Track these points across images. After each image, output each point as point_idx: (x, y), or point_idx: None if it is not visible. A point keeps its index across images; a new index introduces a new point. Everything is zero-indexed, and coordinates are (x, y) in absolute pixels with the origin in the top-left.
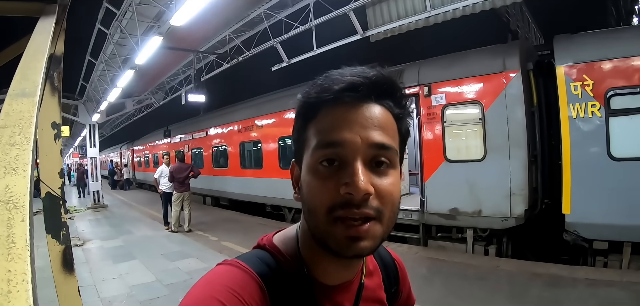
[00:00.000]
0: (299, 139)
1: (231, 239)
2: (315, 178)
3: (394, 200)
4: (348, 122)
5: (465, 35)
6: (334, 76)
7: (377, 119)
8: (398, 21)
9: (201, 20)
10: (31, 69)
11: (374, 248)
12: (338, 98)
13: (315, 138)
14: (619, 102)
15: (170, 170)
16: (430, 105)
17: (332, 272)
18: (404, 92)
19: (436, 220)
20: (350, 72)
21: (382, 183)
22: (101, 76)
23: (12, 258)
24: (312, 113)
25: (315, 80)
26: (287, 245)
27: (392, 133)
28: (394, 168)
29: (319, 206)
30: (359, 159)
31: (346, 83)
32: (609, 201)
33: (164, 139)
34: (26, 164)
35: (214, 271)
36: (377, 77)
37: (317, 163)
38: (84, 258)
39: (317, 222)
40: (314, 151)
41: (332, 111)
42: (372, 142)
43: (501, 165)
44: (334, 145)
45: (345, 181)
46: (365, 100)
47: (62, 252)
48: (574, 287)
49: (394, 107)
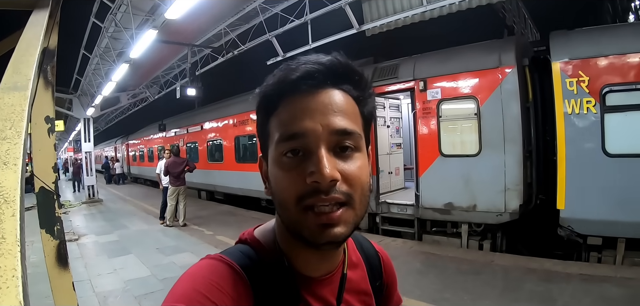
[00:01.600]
0: (262, 134)
1: (226, 233)
2: (281, 170)
3: (362, 183)
4: (308, 110)
5: (461, 31)
6: (291, 66)
7: (336, 105)
8: (394, 15)
9: (196, 14)
10: (23, 62)
11: (348, 234)
12: (296, 88)
13: (277, 131)
14: (614, 99)
15: (166, 165)
16: (426, 100)
17: (311, 263)
18: (362, 74)
19: (431, 215)
20: (305, 60)
21: (349, 167)
22: (96, 70)
23: (2, 253)
24: (272, 106)
25: (273, 72)
26: (267, 238)
27: (354, 117)
28: (359, 151)
29: (288, 198)
30: (322, 147)
31: (302, 72)
32: (604, 197)
33: (159, 133)
34: (17, 158)
35: (198, 266)
36: (332, 62)
37: (282, 156)
38: (78, 252)
39: (288, 214)
40: (277, 144)
41: (291, 101)
42: (334, 128)
43: (496, 161)
44: (296, 137)
45: (311, 170)
46: (322, 86)
47: (57, 247)
48: (567, 282)
49: (353, 90)
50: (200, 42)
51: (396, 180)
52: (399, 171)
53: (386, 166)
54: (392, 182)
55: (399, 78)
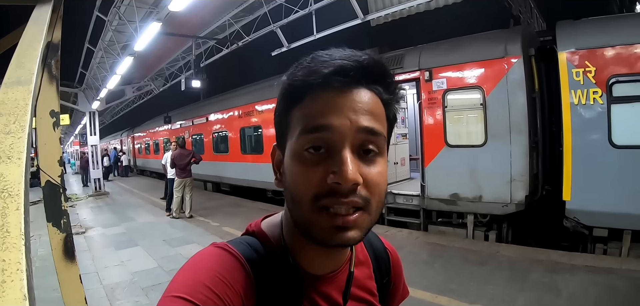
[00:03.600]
0: (281, 123)
1: (232, 224)
2: (300, 165)
3: (381, 190)
4: (337, 107)
5: (467, 20)
6: (322, 58)
7: (367, 104)
8: (399, 5)
9: (200, 5)
10: (27, 57)
11: (361, 238)
12: (326, 82)
13: (300, 123)
14: (621, 89)
15: (172, 157)
16: (431, 90)
17: (317, 261)
18: (394, 77)
19: (437, 206)
20: (339, 55)
21: (371, 172)
22: (100, 63)
23: (7, 247)
24: (297, 97)
25: (301, 61)
26: (274, 231)
27: (382, 120)
28: (381, 156)
29: (304, 194)
30: (347, 146)
31: (335, 67)
32: (610, 188)
33: (165, 126)
34: (21, 152)
35: (202, 254)
36: (368, 61)
37: (303, 150)
38: (85, 245)
39: (301, 211)
40: (299, 136)
41: (320, 95)
42: (362, 126)
43: (502, 151)
44: (321, 129)
45: (333, 170)
46: (355, 85)
47: (63, 240)
48: (573, 274)
49: (384, 93)
50: (205, 34)
51: (402, 170)
52: (405, 161)
53: (392, 156)
54: (398, 172)
55: (404, 69)
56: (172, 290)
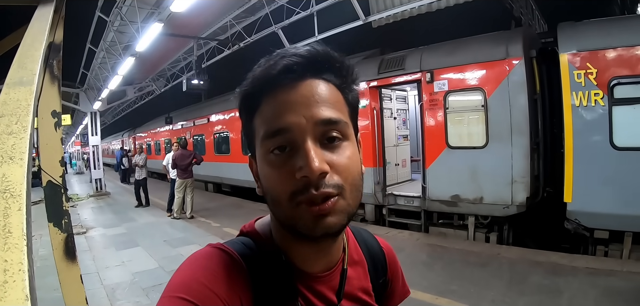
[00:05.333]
0: (248, 133)
1: (233, 225)
2: (270, 168)
3: (352, 173)
4: (290, 104)
5: (468, 22)
6: (269, 62)
7: (319, 95)
8: (400, 7)
9: (202, 6)
10: (29, 57)
11: (343, 224)
12: (276, 83)
13: (262, 128)
14: (623, 91)
15: (173, 158)
16: (433, 92)
17: (309, 258)
18: (343, 61)
19: (438, 207)
20: (283, 54)
21: (338, 158)
22: (102, 64)
23: (9, 247)
24: (254, 104)
25: (252, 70)
26: (266, 231)
27: (339, 106)
28: (347, 140)
29: (281, 194)
30: (308, 140)
31: (281, 67)
32: (611, 190)
33: (166, 126)
34: (23, 153)
35: (198, 254)
36: (310, 52)
37: (269, 153)
38: (86, 245)
39: (281, 211)
40: (262, 142)
41: (273, 97)
42: (318, 119)
43: (503, 153)
44: (280, 132)
45: (299, 165)
46: (302, 78)
47: (64, 240)
48: (574, 276)
49: (335, 78)
50: (206, 35)
51: (403, 171)
52: (406, 163)
53: (393, 158)
54: (399, 173)
55: (405, 70)
56: (170, 290)
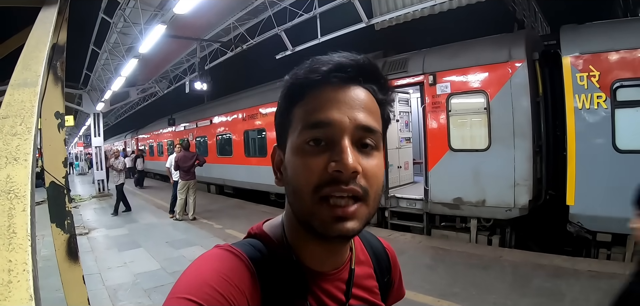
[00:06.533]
0: (283, 122)
1: (235, 227)
2: (301, 157)
3: (378, 181)
4: (336, 102)
5: (471, 24)
6: (322, 59)
7: (363, 102)
8: (403, 9)
9: (205, 8)
10: (33, 59)
11: (359, 230)
12: (326, 79)
13: (301, 119)
14: (625, 94)
15: (176, 159)
16: (435, 94)
17: (319, 257)
18: (387, 79)
19: (440, 210)
20: (337, 55)
21: (369, 163)
22: (105, 65)
23: (13, 248)
24: (298, 95)
25: (303, 63)
26: (275, 232)
27: (377, 117)
28: (378, 150)
29: (305, 185)
30: (347, 138)
31: (334, 64)
32: (613, 193)
33: (169, 128)
34: (28, 154)
35: (206, 256)
36: (364, 61)
37: (304, 144)
38: (89, 246)
39: (302, 202)
40: (300, 132)
41: (320, 92)
42: (360, 123)
43: (506, 155)
44: (321, 125)
45: (335, 158)
46: (352, 82)
47: (67, 241)
48: (576, 279)
49: (378, 92)
50: (209, 37)
51: (405, 174)
52: (408, 165)
53: (395, 160)
54: (401, 176)
55: (408, 73)
56: (177, 292)
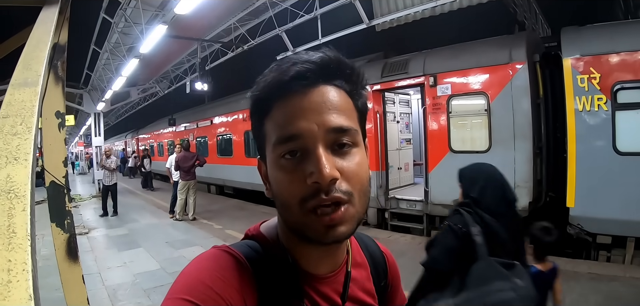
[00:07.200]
0: (258, 136)
1: (235, 227)
2: (281, 173)
3: (361, 179)
4: (301, 111)
5: (472, 26)
6: (282, 67)
7: (330, 102)
8: (404, 11)
9: (206, 9)
10: (34, 58)
11: (352, 231)
12: (288, 89)
13: (273, 133)
14: (626, 96)
15: (176, 159)
16: (436, 96)
17: (315, 260)
18: (353, 67)
19: (440, 211)
20: (295, 60)
21: (348, 164)
22: (106, 65)
23: (13, 247)
24: (265, 109)
25: (263, 74)
26: (272, 233)
27: (349, 112)
28: (357, 146)
29: (291, 199)
30: (320, 146)
31: (293, 73)
32: (614, 195)
33: (169, 128)
34: (28, 154)
35: (203, 256)
36: (322, 59)
37: (280, 158)
38: (88, 246)
39: (291, 216)
40: (274, 147)
41: (285, 103)
42: (330, 126)
43: (506, 157)
44: (292, 139)
45: (310, 170)
46: (315, 85)
47: (67, 241)
48: (576, 281)
49: (346, 85)
50: (210, 37)
51: (405, 175)
52: (409, 167)
53: (395, 161)
54: (402, 177)
55: (408, 74)
56: (175, 292)
